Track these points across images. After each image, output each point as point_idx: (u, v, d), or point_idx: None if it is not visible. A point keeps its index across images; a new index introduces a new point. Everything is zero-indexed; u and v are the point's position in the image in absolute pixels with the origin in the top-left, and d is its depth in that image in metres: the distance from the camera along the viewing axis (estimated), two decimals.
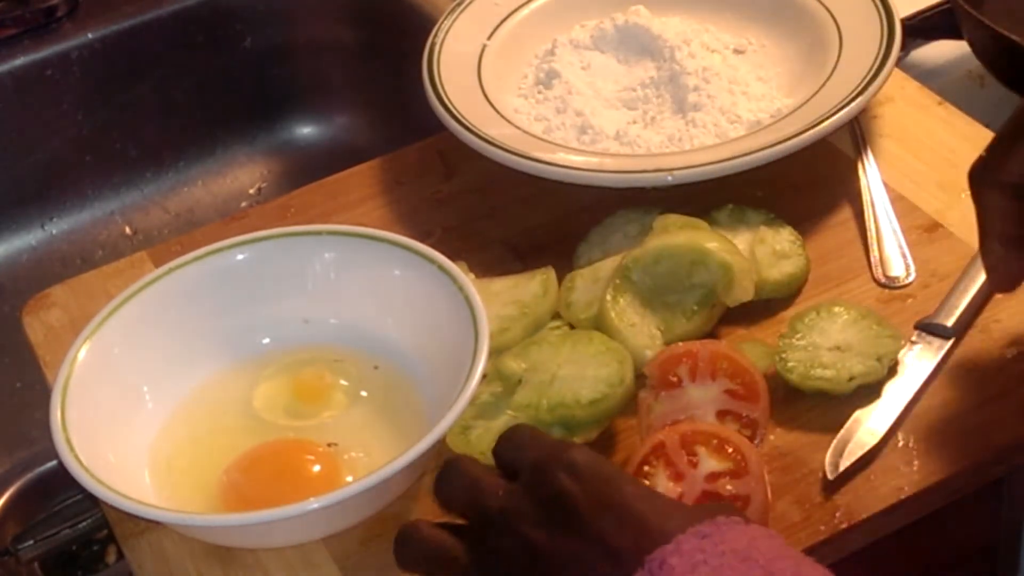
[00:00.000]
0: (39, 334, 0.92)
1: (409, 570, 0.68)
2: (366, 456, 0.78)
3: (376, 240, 0.85)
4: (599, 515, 0.60)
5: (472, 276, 0.85)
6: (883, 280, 0.87)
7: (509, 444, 0.68)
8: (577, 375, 0.78)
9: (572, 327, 0.84)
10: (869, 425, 0.77)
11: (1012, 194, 0.65)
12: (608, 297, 0.83)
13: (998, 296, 0.85)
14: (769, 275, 0.86)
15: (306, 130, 1.41)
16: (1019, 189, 0.64)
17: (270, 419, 0.81)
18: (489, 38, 1.05)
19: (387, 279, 0.84)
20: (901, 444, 0.77)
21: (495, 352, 0.80)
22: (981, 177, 0.66)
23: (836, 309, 0.82)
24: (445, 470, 0.68)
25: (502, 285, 0.87)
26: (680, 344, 0.80)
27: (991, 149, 0.66)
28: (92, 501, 0.96)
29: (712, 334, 0.84)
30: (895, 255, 0.88)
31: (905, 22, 1.02)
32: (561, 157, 0.92)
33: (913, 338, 0.82)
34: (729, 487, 0.71)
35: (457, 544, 0.65)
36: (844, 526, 0.73)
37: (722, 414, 0.76)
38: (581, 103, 0.99)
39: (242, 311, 0.85)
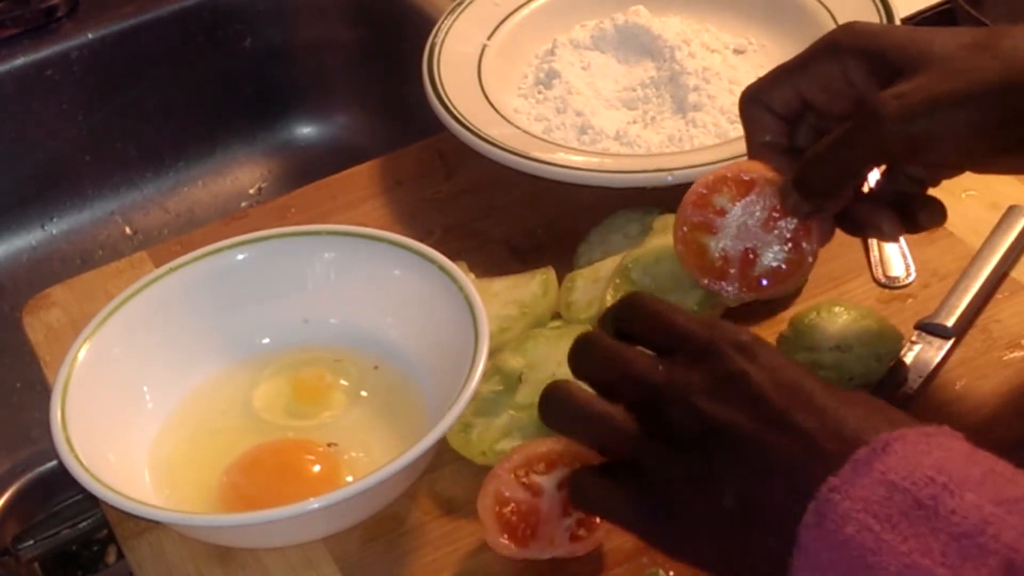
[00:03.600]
0: (39, 334, 0.91)
1: (556, 428, 0.65)
2: (366, 456, 0.78)
3: (376, 240, 0.85)
4: (794, 407, 0.57)
5: (472, 276, 0.85)
6: (883, 280, 0.87)
7: (630, 314, 0.65)
8: None
9: None
10: None
11: (765, 108, 0.77)
12: (608, 297, 0.83)
13: (998, 296, 0.85)
14: None
15: (306, 130, 1.41)
16: (774, 110, 0.77)
17: (270, 419, 0.81)
18: (489, 38, 1.05)
19: (387, 279, 0.84)
20: None
21: (495, 352, 0.80)
22: (749, 95, 0.77)
23: (836, 309, 0.82)
24: (583, 344, 0.64)
25: (502, 285, 0.87)
26: None
27: (767, 76, 0.77)
28: (92, 501, 0.96)
29: None
30: (895, 255, 0.88)
31: (905, 22, 1.02)
32: (561, 157, 0.92)
33: (913, 338, 0.82)
34: None
35: (622, 412, 0.62)
36: None
37: None
38: (581, 103, 0.99)
39: (242, 311, 0.85)
